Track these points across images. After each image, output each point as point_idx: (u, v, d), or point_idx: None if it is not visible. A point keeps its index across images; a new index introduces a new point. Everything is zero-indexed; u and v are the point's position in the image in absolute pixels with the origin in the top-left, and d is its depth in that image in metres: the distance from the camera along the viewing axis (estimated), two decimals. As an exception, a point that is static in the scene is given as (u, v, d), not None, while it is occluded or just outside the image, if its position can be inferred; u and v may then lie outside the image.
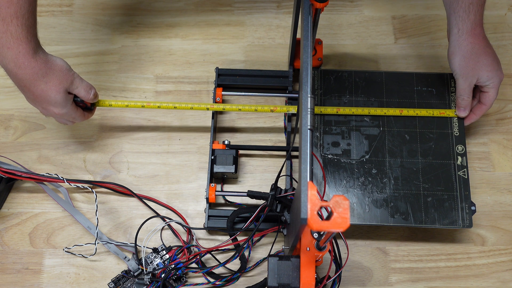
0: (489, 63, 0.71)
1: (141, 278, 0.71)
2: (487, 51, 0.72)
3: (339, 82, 0.79)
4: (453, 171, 0.74)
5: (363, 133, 0.76)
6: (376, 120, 0.77)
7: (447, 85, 0.79)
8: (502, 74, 0.73)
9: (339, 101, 0.78)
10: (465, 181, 0.73)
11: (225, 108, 0.77)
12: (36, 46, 0.63)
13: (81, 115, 0.72)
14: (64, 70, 0.66)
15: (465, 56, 0.71)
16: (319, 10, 0.65)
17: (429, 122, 0.77)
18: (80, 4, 0.93)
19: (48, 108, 0.67)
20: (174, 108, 0.77)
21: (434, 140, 0.76)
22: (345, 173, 0.74)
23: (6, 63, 0.62)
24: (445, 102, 0.78)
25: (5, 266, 0.75)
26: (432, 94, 0.79)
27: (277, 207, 0.66)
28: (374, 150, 0.75)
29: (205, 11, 0.92)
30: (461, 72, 0.72)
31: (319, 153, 0.75)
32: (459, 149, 0.75)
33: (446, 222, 0.71)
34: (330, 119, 0.77)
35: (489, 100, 0.74)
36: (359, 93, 0.79)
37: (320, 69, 0.80)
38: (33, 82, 0.64)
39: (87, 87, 0.70)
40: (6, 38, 0.60)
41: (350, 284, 0.74)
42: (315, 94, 0.79)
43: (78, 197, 0.78)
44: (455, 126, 0.77)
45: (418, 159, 0.74)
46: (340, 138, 0.76)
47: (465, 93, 0.74)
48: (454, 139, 0.76)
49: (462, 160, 0.74)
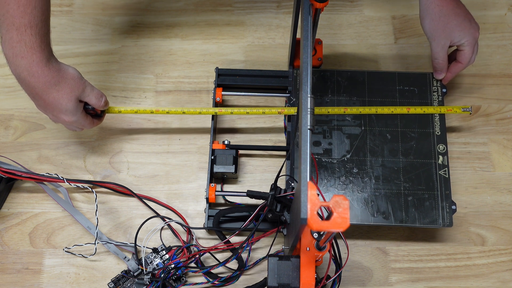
0: (459, 23, 0.72)
1: (141, 278, 0.71)
2: (456, 11, 0.72)
3: (322, 82, 0.79)
4: (434, 170, 0.74)
5: (344, 132, 0.76)
6: (357, 120, 0.77)
7: (429, 84, 0.80)
8: (476, 31, 0.74)
9: (321, 100, 0.78)
10: (446, 180, 0.73)
11: (233, 112, 0.77)
12: (49, 54, 0.64)
13: (90, 122, 0.72)
14: (76, 78, 0.67)
15: (434, 19, 0.72)
16: (319, 10, 0.65)
17: (411, 121, 0.77)
18: (80, 4, 0.93)
19: (59, 115, 0.68)
20: (183, 113, 0.77)
21: (415, 139, 0.76)
22: (326, 172, 0.74)
23: (19, 71, 0.63)
24: (427, 101, 0.78)
25: (5, 266, 0.75)
26: (414, 93, 0.79)
27: (277, 207, 0.66)
28: (356, 149, 0.75)
29: (205, 11, 0.92)
30: (432, 35, 0.73)
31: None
32: (440, 148, 0.75)
33: (427, 221, 0.71)
34: (316, 119, 0.77)
35: (464, 58, 0.75)
36: (341, 93, 0.79)
37: None
38: (46, 90, 0.64)
39: (98, 94, 0.70)
40: (20, 47, 0.61)
41: (350, 284, 0.74)
42: (297, 94, 0.78)
43: (78, 197, 0.78)
44: (437, 126, 0.77)
45: (399, 158, 0.75)
46: (321, 137, 0.76)
47: (439, 56, 0.75)
48: (435, 138, 0.76)
49: (443, 159, 0.74)
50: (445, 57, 0.76)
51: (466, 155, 0.82)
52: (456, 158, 0.81)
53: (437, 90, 0.79)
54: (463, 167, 0.81)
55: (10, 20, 0.60)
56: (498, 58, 0.89)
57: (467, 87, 0.86)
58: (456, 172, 0.80)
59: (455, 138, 0.83)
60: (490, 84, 0.87)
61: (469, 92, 0.86)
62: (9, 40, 0.61)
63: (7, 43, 0.61)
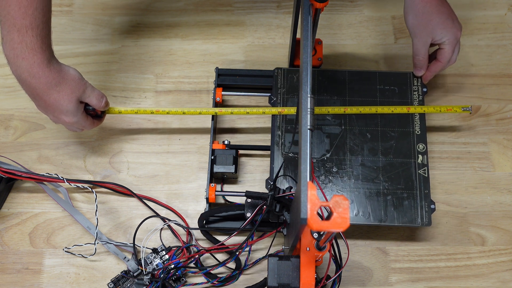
0: (442, 21, 0.72)
1: (140, 278, 0.71)
2: (440, 9, 0.72)
3: None
4: (413, 169, 0.74)
5: (324, 131, 0.76)
6: (337, 119, 0.77)
7: (409, 83, 0.80)
8: (458, 31, 0.73)
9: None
10: (425, 180, 0.73)
11: (233, 112, 0.77)
12: (50, 55, 0.64)
13: (91, 123, 0.73)
14: (76, 79, 0.67)
15: (418, 15, 0.72)
16: (319, 10, 0.65)
17: (391, 120, 0.77)
18: (80, 4, 0.93)
19: (59, 116, 0.68)
20: (183, 113, 0.77)
21: (395, 138, 0.76)
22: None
23: (20, 72, 0.63)
24: (407, 100, 0.78)
25: (5, 266, 0.75)
26: (394, 93, 0.79)
27: (276, 207, 0.66)
28: (335, 148, 0.75)
29: (205, 11, 0.92)
30: (414, 31, 0.73)
31: (280, 152, 0.75)
32: (420, 147, 0.75)
33: (405, 221, 0.71)
34: (292, 118, 0.77)
35: (443, 57, 0.75)
36: (322, 92, 0.79)
37: (283, 68, 0.80)
38: (46, 91, 0.64)
39: (99, 95, 0.70)
40: (21, 49, 0.61)
41: (350, 284, 0.74)
42: (278, 93, 0.79)
43: (78, 197, 0.78)
44: (417, 125, 0.77)
45: (379, 157, 0.75)
46: None
47: (420, 52, 0.75)
48: (415, 138, 0.76)
49: (423, 159, 0.74)
50: (426, 54, 0.76)
51: (466, 155, 0.82)
52: (456, 158, 0.81)
53: (418, 89, 0.79)
54: (463, 167, 0.81)
55: (11, 21, 0.60)
56: (498, 58, 0.89)
57: (467, 87, 0.86)
58: (456, 172, 0.80)
59: (455, 138, 0.83)
60: (490, 84, 0.87)
61: (469, 92, 0.86)
62: (10, 41, 0.61)
63: (8, 44, 0.61)
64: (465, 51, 0.89)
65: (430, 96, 0.85)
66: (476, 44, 0.90)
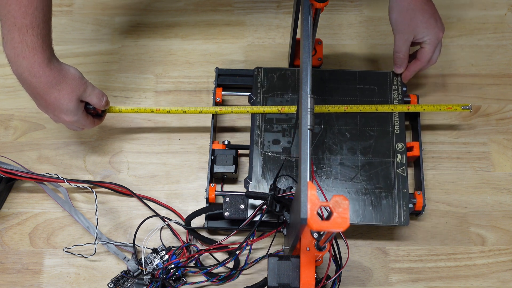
0: (425, 19, 0.72)
1: (140, 278, 0.71)
2: (425, 7, 0.72)
3: (282, 80, 0.79)
4: (392, 168, 0.74)
5: None
6: (317, 118, 0.77)
7: (389, 82, 0.80)
8: (440, 32, 0.73)
9: (281, 99, 0.78)
10: (404, 179, 0.73)
11: (233, 111, 0.77)
12: (50, 55, 0.64)
13: (91, 122, 0.73)
14: (77, 78, 0.67)
15: (402, 12, 0.72)
16: (319, 10, 0.65)
17: (370, 120, 0.77)
18: (80, 4, 0.93)
19: (60, 115, 0.68)
20: (183, 112, 0.77)
21: (374, 138, 0.76)
22: (284, 171, 0.73)
23: (21, 71, 0.63)
24: (387, 99, 0.78)
25: (5, 266, 0.75)
26: (374, 92, 0.79)
27: (276, 207, 0.66)
28: (314, 147, 0.75)
29: (205, 11, 0.92)
30: (397, 27, 0.73)
31: (259, 151, 0.75)
32: (399, 146, 0.75)
33: (384, 220, 0.71)
34: (271, 117, 0.77)
35: (423, 56, 0.75)
36: None
37: (263, 68, 0.80)
38: (47, 90, 0.64)
39: (99, 94, 0.70)
40: (21, 48, 0.61)
41: (350, 284, 0.74)
42: (258, 92, 0.79)
43: (78, 197, 0.78)
44: (396, 124, 0.77)
45: (358, 156, 0.74)
46: (281, 136, 0.76)
47: (401, 50, 0.75)
48: (394, 137, 0.76)
49: (402, 158, 0.74)
50: (407, 52, 0.76)
51: (466, 155, 0.82)
52: (456, 158, 0.81)
53: (398, 88, 0.79)
54: (463, 167, 0.81)
55: (11, 20, 0.60)
56: (498, 58, 0.89)
57: (467, 87, 0.86)
58: (456, 172, 0.80)
59: (455, 138, 0.83)
60: (490, 84, 0.87)
61: (469, 92, 0.86)
62: (11, 40, 0.61)
63: (8, 44, 0.61)
64: (465, 51, 0.89)
65: (430, 96, 0.85)
66: (476, 44, 0.90)
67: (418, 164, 0.77)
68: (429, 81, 0.87)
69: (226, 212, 0.70)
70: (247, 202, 0.71)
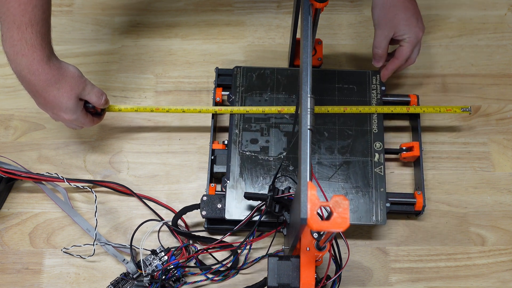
0: (407, 17, 0.72)
1: (140, 280, 0.71)
2: (408, 6, 0.72)
3: (261, 80, 0.79)
4: (370, 168, 0.74)
5: (282, 130, 0.76)
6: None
7: (368, 82, 0.80)
8: (420, 31, 0.74)
9: (260, 98, 0.78)
10: (381, 178, 0.73)
11: (232, 111, 0.77)
12: (50, 53, 0.64)
13: (90, 120, 0.73)
14: (76, 76, 0.67)
15: (385, 8, 0.72)
16: (319, 10, 0.65)
17: (349, 119, 0.77)
18: (80, 4, 0.93)
19: (59, 113, 0.68)
20: (183, 111, 0.77)
21: (352, 137, 0.76)
22: (262, 170, 0.74)
23: (20, 69, 0.63)
24: (366, 99, 0.78)
25: (5, 266, 0.75)
26: (353, 91, 0.79)
27: (275, 207, 0.66)
28: (292, 146, 0.75)
29: (205, 11, 0.92)
30: (379, 23, 0.74)
31: (237, 150, 0.75)
32: (377, 146, 0.75)
33: (361, 219, 0.71)
34: (250, 116, 0.77)
35: (401, 54, 0.75)
36: (281, 90, 0.79)
37: (242, 67, 0.81)
38: (46, 88, 0.64)
39: (99, 93, 0.70)
40: (21, 45, 0.61)
41: (350, 284, 0.74)
42: (237, 92, 0.79)
43: (78, 197, 0.78)
44: (374, 123, 0.77)
45: (335, 156, 0.74)
46: (259, 135, 0.76)
47: (380, 45, 0.75)
48: (372, 136, 0.76)
49: (379, 157, 0.74)
50: (386, 48, 0.76)
51: (466, 155, 0.82)
52: (456, 158, 0.81)
53: (376, 88, 0.79)
54: (463, 167, 0.81)
55: (11, 18, 0.60)
56: (498, 58, 0.89)
57: (467, 87, 0.86)
58: (456, 172, 0.80)
59: (455, 138, 0.83)
60: (490, 84, 0.87)
61: (469, 92, 0.86)
62: (10, 38, 0.61)
63: (8, 41, 0.61)
64: (465, 51, 0.89)
65: (430, 96, 0.85)
66: (476, 44, 0.90)
67: (418, 164, 0.77)
68: (429, 81, 0.87)
69: (203, 211, 0.70)
70: (224, 202, 0.71)
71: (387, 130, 0.83)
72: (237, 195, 0.72)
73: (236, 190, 0.72)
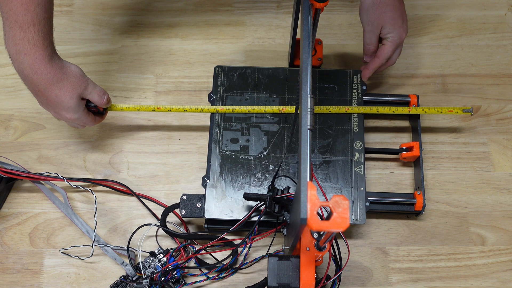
0: (395, 17, 0.73)
1: (140, 282, 0.71)
2: (396, 5, 0.73)
3: (242, 79, 0.80)
4: (349, 167, 0.74)
5: (262, 129, 0.76)
6: (276, 117, 0.77)
7: (349, 81, 0.80)
8: (404, 32, 0.74)
9: (241, 97, 0.78)
10: (361, 177, 0.73)
11: (234, 110, 0.77)
12: (52, 52, 0.64)
13: (92, 120, 0.73)
14: (78, 76, 0.67)
15: (374, 4, 0.72)
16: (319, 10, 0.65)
17: (329, 118, 0.77)
18: (80, 4, 0.93)
19: (61, 112, 0.68)
20: (184, 111, 0.78)
21: (333, 136, 0.76)
22: (242, 169, 0.74)
23: (22, 68, 0.63)
24: (347, 98, 0.78)
25: (5, 266, 0.75)
26: (334, 91, 0.79)
27: (275, 207, 0.66)
28: (273, 146, 0.75)
29: (205, 11, 0.92)
30: (367, 20, 0.74)
31: (218, 149, 0.75)
32: (357, 145, 0.75)
33: None
34: (230, 116, 0.77)
35: (382, 53, 0.75)
36: (261, 90, 0.79)
37: (223, 66, 0.81)
38: (48, 87, 0.65)
39: (101, 92, 0.71)
40: (23, 45, 0.61)
41: (350, 284, 0.74)
42: (218, 91, 0.79)
43: (77, 197, 0.78)
44: (355, 123, 0.77)
45: (316, 155, 0.74)
46: (239, 134, 0.76)
47: (371, 41, 0.76)
48: (353, 136, 0.76)
49: (359, 156, 0.75)
50: (377, 44, 0.76)
51: (466, 155, 0.82)
52: (456, 158, 0.81)
53: (357, 87, 0.79)
54: (463, 167, 0.81)
55: (13, 17, 0.60)
56: (498, 58, 0.89)
57: (467, 87, 0.86)
58: (456, 172, 0.80)
59: (455, 138, 0.83)
60: (490, 84, 0.87)
61: (469, 92, 0.86)
62: (12, 37, 0.61)
63: (10, 40, 0.61)
64: (465, 51, 0.89)
65: (430, 96, 0.85)
66: (476, 44, 0.90)
67: (418, 164, 0.77)
68: (429, 81, 0.87)
69: (183, 210, 0.71)
70: (203, 201, 0.71)
71: (387, 130, 0.83)
72: (217, 194, 0.72)
73: (216, 189, 0.72)
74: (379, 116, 0.84)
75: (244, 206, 0.71)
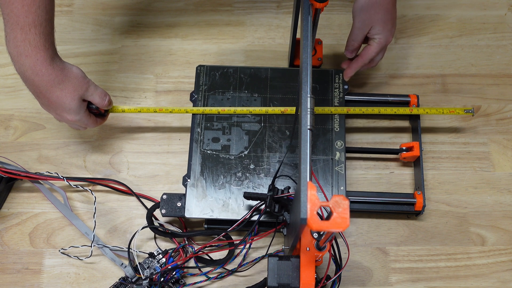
0: (386, 19, 0.73)
1: (139, 283, 0.71)
2: (389, 8, 0.73)
3: (224, 78, 0.80)
4: (330, 166, 0.74)
5: (244, 128, 0.76)
6: (258, 116, 0.77)
7: (331, 81, 0.80)
8: (390, 36, 0.74)
9: (222, 97, 0.78)
10: (341, 177, 0.73)
11: (236, 111, 0.77)
12: (53, 53, 0.64)
13: (93, 121, 0.73)
14: (79, 77, 0.67)
15: (369, 3, 0.72)
16: (319, 10, 0.65)
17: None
18: (80, 4, 0.93)
19: (62, 114, 0.68)
20: (185, 112, 0.78)
21: (314, 135, 0.76)
22: (223, 168, 0.74)
23: (24, 70, 0.63)
24: (328, 98, 0.79)
25: (5, 266, 0.75)
26: (315, 90, 0.79)
27: (275, 207, 0.66)
28: (254, 145, 0.75)
29: (205, 11, 0.93)
30: (359, 16, 0.74)
31: (199, 149, 0.75)
32: (338, 144, 0.75)
33: None
34: (212, 115, 0.77)
35: (366, 53, 0.76)
36: (243, 89, 0.79)
37: (206, 65, 0.81)
38: (49, 89, 0.65)
39: (102, 94, 0.71)
40: (24, 46, 0.61)
41: (350, 284, 0.74)
42: (200, 90, 0.79)
43: (77, 197, 0.78)
44: (336, 122, 0.77)
45: (297, 154, 0.74)
46: (220, 133, 0.76)
47: (357, 38, 0.75)
48: (334, 135, 0.76)
49: (340, 156, 0.75)
50: (361, 42, 0.76)
51: (466, 155, 0.82)
52: (456, 158, 0.81)
53: (339, 86, 0.79)
54: (463, 167, 0.81)
55: (14, 19, 0.60)
56: (498, 58, 0.89)
57: (467, 87, 0.86)
58: (456, 172, 0.80)
59: (455, 138, 0.83)
60: (490, 84, 0.87)
61: (469, 92, 0.86)
62: (14, 39, 0.61)
63: (11, 42, 0.61)
64: (465, 51, 0.89)
65: (430, 96, 0.85)
66: (476, 44, 0.90)
67: (418, 164, 0.77)
68: (429, 81, 0.87)
69: (163, 209, 0.71)
70: (184, 200, 0.71)
71: (387, 130, 0.83)
72: (198, 194, 0.72)
73: (196, 188, 0.72)
74: (379, 116, 0.84)
75: (225, 206, 0.71)
